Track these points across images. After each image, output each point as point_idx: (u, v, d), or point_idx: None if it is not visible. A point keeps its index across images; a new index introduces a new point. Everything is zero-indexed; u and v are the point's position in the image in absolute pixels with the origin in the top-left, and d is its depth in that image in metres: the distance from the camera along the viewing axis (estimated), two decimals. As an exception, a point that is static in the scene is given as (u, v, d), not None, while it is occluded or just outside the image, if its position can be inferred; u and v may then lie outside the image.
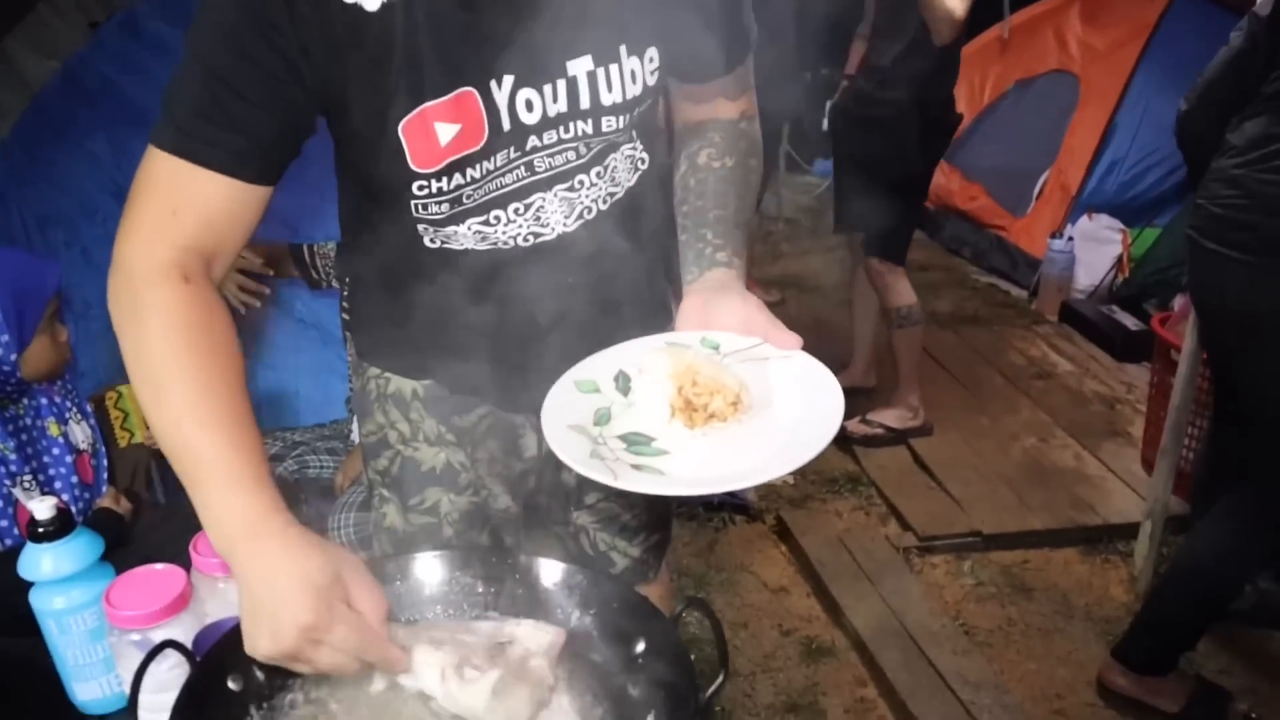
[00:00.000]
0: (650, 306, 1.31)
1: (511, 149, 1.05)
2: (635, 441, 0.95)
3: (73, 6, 3.02)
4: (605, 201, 1.16)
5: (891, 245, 3.26)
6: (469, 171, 1.04)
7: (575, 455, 0.90)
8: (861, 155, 3.30)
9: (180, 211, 0.95)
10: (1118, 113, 4.79)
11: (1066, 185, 4.91)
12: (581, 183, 1.13)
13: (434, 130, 0.99)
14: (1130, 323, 4.16)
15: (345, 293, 2.23)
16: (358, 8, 0.93)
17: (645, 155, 1.19)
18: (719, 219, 1.13)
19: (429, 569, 1.08)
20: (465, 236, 1.12)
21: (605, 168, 1.14)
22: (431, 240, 1.14)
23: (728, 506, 3.01)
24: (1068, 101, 5.10)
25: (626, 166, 1.17)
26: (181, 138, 0.93)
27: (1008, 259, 5.08)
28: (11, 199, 2.90)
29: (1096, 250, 4.64)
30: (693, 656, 0.95)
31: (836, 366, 3.54)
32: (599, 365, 1.04)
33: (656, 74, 1.09)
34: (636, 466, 0.91)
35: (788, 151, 5.82)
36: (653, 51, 1.07)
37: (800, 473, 3.19)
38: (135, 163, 2.70)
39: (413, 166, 1.01)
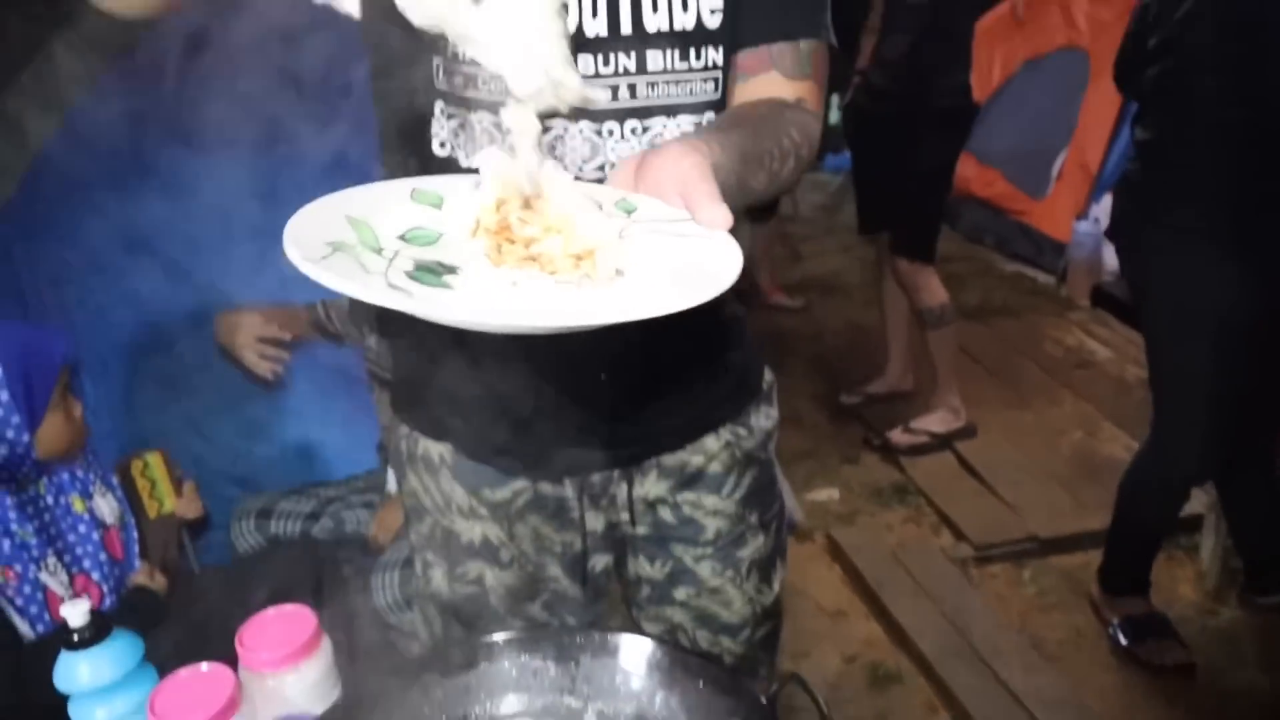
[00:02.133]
0: (723, 340, 1.17)
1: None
2: (429, 269, 0.72)
3: (71, 57, 2.95)
4: None
5: (918, 244, 3.18)
6: None
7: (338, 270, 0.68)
8: (880, 153, 3.22)
9: None
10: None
11: (1086, 164, 4.81)
12: (611, 131, 1.01)
13: None
14: (1166, 302, 4.06)
15: (367, 340, 2.17)
16: None
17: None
18: (712, 125, 0.97)
19: (494, 655, 0.99)
20: (477, 136, 1.01)
21: (646, 128, 1.01)
22: (441, 148, 1.03)
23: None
24: (1079, 78, 5.00)
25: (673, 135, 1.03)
26: None
27: (1032, 244, 4.97)
28: (20, 259, 2.82)
29: (1125, 232, 4.54)
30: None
31: (872, 371, 3.49)
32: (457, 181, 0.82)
33: (718, 18, 0.99)
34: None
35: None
36: None
37: (846, 485, 3.11)
38: (145, 214, 2.60)
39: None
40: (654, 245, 0.75)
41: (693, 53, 0.99)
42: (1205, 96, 2.03)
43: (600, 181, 0.93)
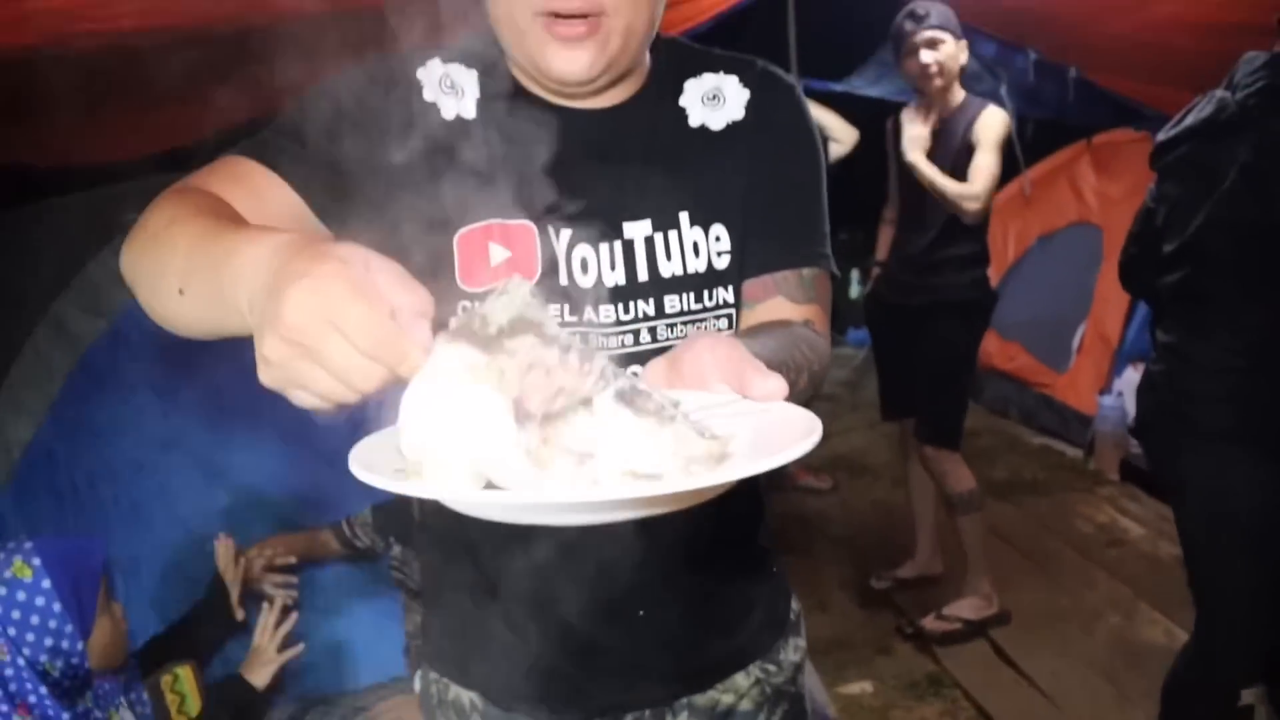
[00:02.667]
0: (753, 576, 1.19)
1: (567, 310, 1.01)
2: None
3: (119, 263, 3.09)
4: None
5: (944, 431, 3.20)
6: None
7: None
8: (902, 342, 3.29)
9: (214, 174, 0.97)
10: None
11: (1106, 336, 4.87)
12: (635, 374, 1.05)
13: (487, 249, 1.00)
14: (1196, 475, 4.02)
15: (393, 550, 2.22)
16: (435, 109, 1.02)
17: None
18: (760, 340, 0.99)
19: None
20: None
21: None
22: None
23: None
24: (1093, 252, 5.12)
25: None
26: (249, 145, 0.99)
27: (1057, 417, 5.00)
28: (60, 457, 2.90)
29: (1148, 402, 4.54)
30: None
31: (901, 554, 3.45)
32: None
33: (726, 260, 1.05)
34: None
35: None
36: (720, 230, 1.05)
37: (879, 678, 3.04)
38: (183, 416, 2.66)
39: (460, 283, 1.00)
40: (720, 425, 0.72)
41: (706, 294, 1.05)
42: (1228, 301, 2.05)
43: None
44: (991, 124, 3.10)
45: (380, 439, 0.74)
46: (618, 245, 1.02)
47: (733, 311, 1.08)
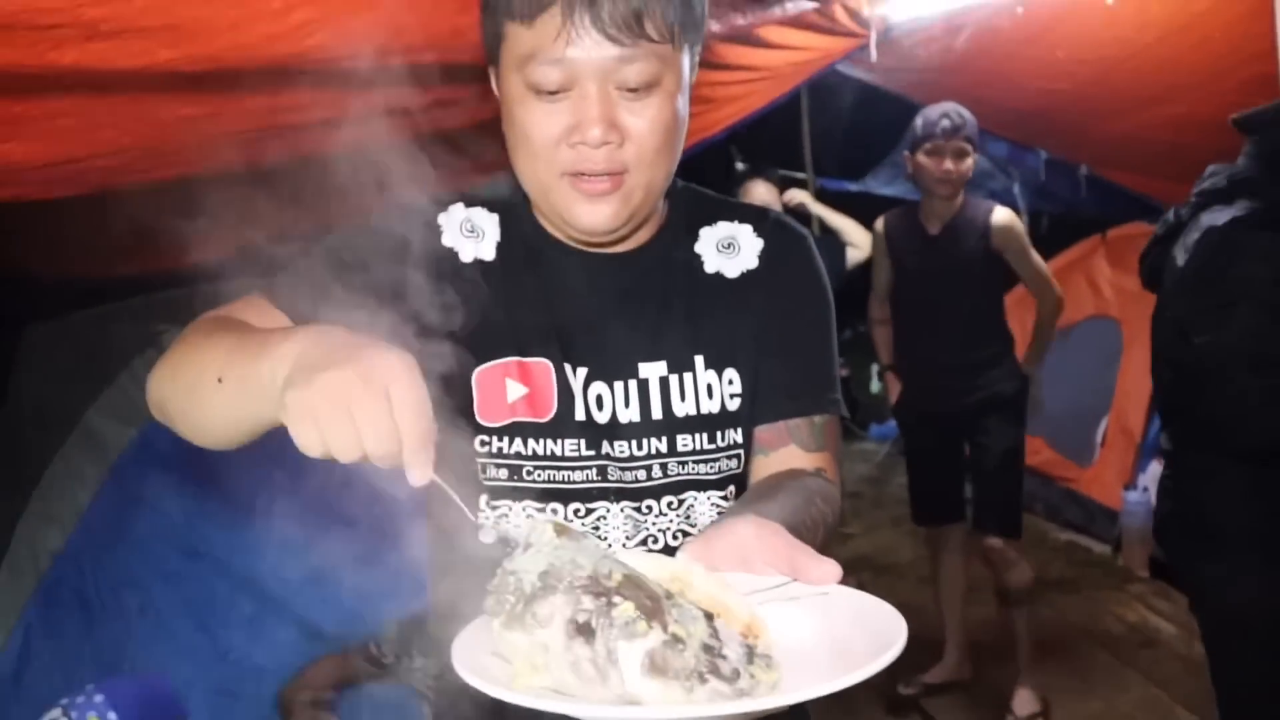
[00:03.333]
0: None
1: (583, 444, 1.05)
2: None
3: (149, 374, 3.16)
4: (676, 538, 1.10)
5: (1009, 521, 3.22)
6: (531, 444, 1.05)
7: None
8: (946, 447, 3.34)
9: (240, 309, 1.02)
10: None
11: (1129, 430, 4.85)
12: (650, 508, 1.09)
13: (503, 385, 1.04)
14: (1227, 572, 3.96)
15: (415, 664, 2.24)
16: (454, 254, 1.06)
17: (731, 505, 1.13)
18: (759, 508, 1.00)
19: None
20: (519, 521, 1.08)
21: (680, 501, 1.09)
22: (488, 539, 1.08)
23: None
24: (1112, 345, 5.12)
25: (708, 511, 1.11)
26: (270, 287, 1.03)
27: (1083, 512, 4.94)
28: (87, 565, 2.93)
29: (1175, 496, 4.50)
30: None
31: (927, 658, 3.40)
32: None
33: (738, 402, 1.09)
34: None
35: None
36: (732, 374, 1.09)
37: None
38: (209, 525, 2.69)
39: (479, 418, 1.04)
40: (779, 615, 0.75)
41: (718, 435, 1.09)
42: (1210, 410, 2.04)
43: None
44: (1013, 228, 3.20)
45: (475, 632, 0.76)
46: (633, 384, 1.07)
47: (742, 452, 1.12)
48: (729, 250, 1.14)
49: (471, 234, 1.09)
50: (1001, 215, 3.20)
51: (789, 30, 3.12)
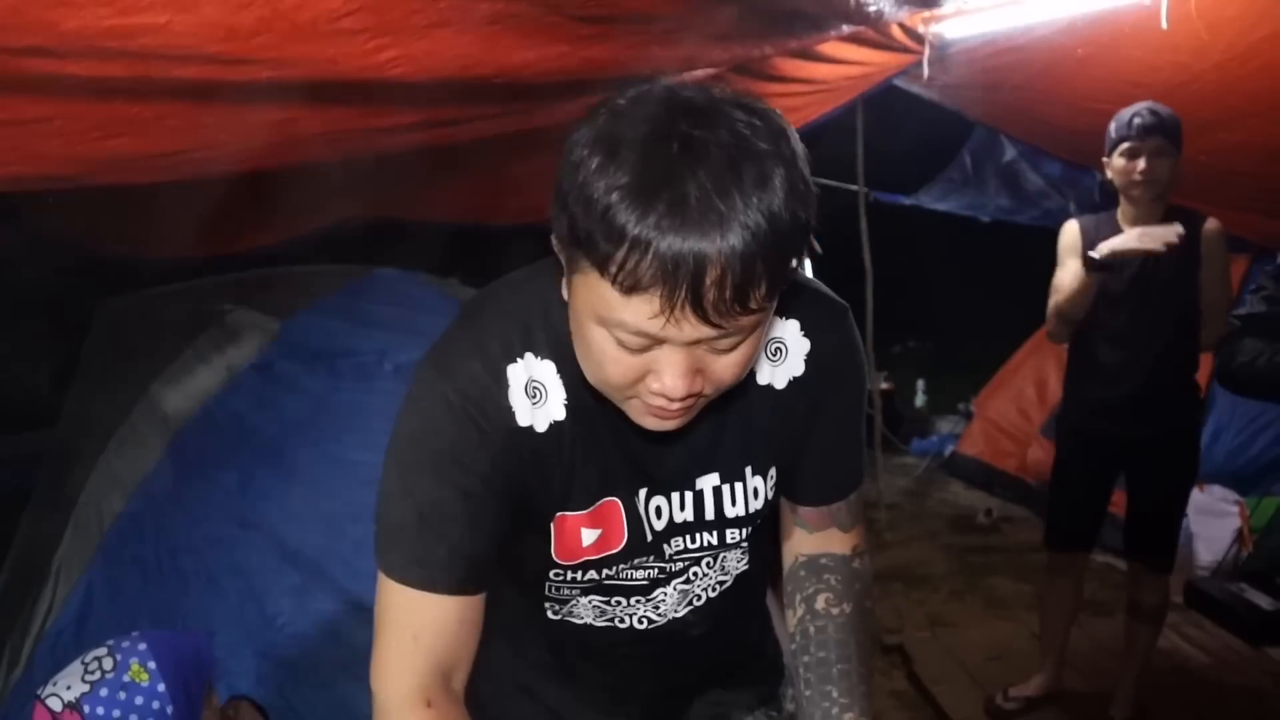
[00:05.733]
0: (761, 670, 1.32)
1: (651, 556, 1.12)
2: None
3: (214, 351, 3.31)
4: (715, 590, 1.21)
5: (1165, 556, 3.22)
6: (604, 570, 1.12)
7: None
8: (1110, 473, 3.20)
9: (420, 636, 1.01)
10: (1213, 380, 4.72)
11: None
12: (696, 575, 1.18)
13: (579, 533, 1.08)
14: (1265, 602, 3.93)
15: None
16: (531, 430, 1.03)
17: (751, 543, 1.22)
18: (843, 674, 1.12)
19: None
20: (585, 609, 1.18)
21: (716, 558, 1.19)
22: (554, 613, 1.19)
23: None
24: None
25: (736, 556, 1.21)
26: (410, 567, 1.01)
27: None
28: (149, 529, 3.07)
29: (1214, 524, 4.47)
30: None
31: (955, 668, 3.39)
32: None
33: (774, 490, 1.16)
34: None
35: (883, 432, 5.78)
36: (774, 471, 1.15)
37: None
38: (262, 495, 2.81)
39: (555, 558, 1.09)
40: None
41: (758, 518, 1.18)
42: None
43: (692, 615, 1.18)
44: (1223, 239, 2.98)
45: None
46: (689, 495, 1.12)
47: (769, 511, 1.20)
48: (777, 357, 1.12)
49: (536, 399, 1.04)
50: (1215, 223, 2.96)
51: (845, 45, 3.18)
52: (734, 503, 1.13)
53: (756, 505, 1.14)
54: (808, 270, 5.16)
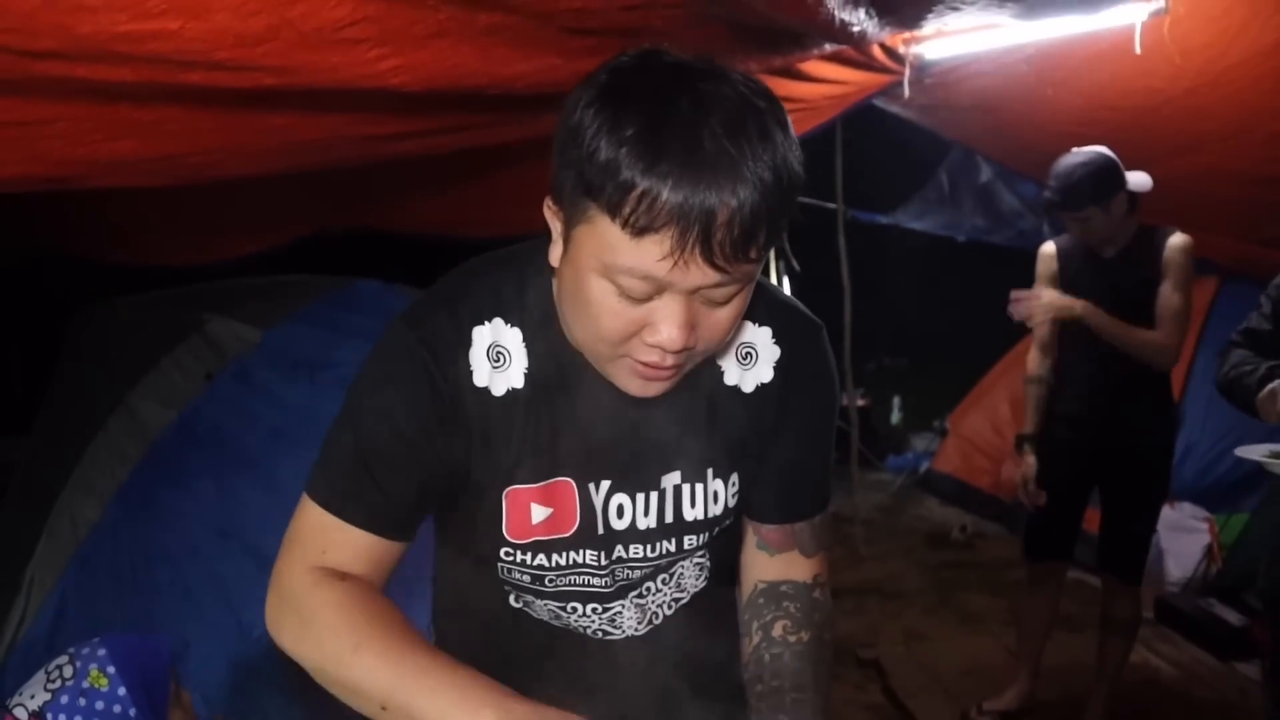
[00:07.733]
0: (722, 698, 1.30)
1: (602, 555, 1.11)
2: None
3: (192, 359, 3.29)
4: (671, 606, 1.20)
5: (1134, 568, 3.24)
6: (554, 556, 1.11)
7: None
8: (1086, 485, 3.23)
9: (329, 553, 1.04)
10: (1184, 399, 4.78)
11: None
12: (649, 589, 1.17)
13: (529, 509, 1.08)
14: (1232, 617, 3.98)
15: None
16: (486, 391, 1.05)
17: (709, 561, 1.22)
18: (796, 703, 1.11)
19: None
20: (541, 612, 1.18)
21: (671, 575, 1.18)
22: (515, 600, 1.19)
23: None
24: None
25: (693, 573, 1.21)
26: (333, 495, 1.04)
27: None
28: (124, 536, 3.04)
29: (1184, 540, 4.52)
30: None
31: (930, 682, 3.41)
32: None
33: (736, 498, 1.16)
34: None
35: (860, 449, 5.76)
36: (736, 477, 1.14)
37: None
38: (240, 505, 2.80)
39: (505, 534, 1.09)
40: None
41: (716, 527, 1.17)
42: None
43: (650, 633, 1.17)
44: (1185, 251, 2.98)
45: None
46: (654, 495, 1.11)
47: (728, 524, 1.20)
48: (747, 361, 1.13)
49: (499, 363, 1.05)
50: (1180, 237, 3.01)
51: (827, 64, 3.21)
52: (693, 504, 1.12)
53: (715, 510, 1.13)
54: (785, 288, 5.21)
